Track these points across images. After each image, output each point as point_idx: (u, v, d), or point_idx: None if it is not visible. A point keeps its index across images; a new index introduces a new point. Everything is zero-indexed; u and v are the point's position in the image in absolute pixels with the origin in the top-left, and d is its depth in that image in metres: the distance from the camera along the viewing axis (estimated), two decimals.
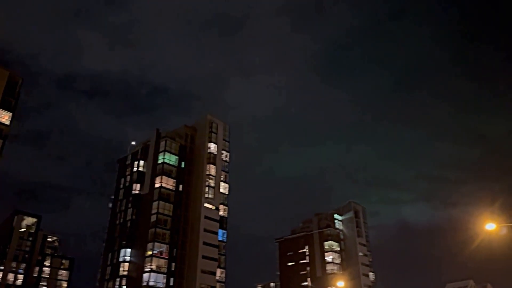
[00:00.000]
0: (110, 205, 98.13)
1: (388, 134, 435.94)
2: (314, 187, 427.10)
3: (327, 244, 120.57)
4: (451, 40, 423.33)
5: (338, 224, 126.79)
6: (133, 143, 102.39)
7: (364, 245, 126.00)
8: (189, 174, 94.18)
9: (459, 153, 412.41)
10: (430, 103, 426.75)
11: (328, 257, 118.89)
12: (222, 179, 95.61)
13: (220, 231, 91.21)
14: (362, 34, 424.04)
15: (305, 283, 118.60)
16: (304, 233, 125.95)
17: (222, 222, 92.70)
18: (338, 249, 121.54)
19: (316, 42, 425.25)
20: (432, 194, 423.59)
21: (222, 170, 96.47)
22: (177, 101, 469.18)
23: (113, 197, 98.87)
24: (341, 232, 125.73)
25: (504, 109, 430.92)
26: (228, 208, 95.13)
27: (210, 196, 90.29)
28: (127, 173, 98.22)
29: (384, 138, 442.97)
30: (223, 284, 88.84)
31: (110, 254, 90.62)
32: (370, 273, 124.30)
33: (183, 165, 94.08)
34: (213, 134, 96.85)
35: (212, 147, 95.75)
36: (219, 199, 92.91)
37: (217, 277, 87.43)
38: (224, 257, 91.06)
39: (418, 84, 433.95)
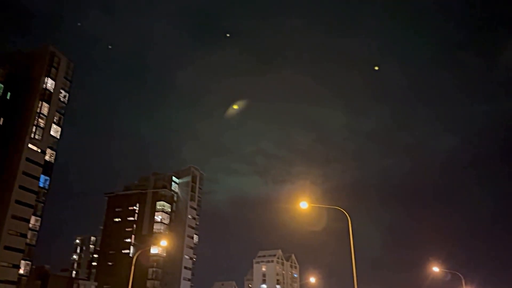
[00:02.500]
0: None
1: (242, 102, 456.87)
2: (160, 146, 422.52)
3: (159, 204, 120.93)
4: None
5: (175, 187, 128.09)
6: None
7: (194, 209, 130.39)
8: (15, 108, 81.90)
9: (295, 136, 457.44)
10: (277, 91, 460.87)
11: (158, 217, 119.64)
12: (55, 121, 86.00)
13: (43, 177, 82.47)
14: None
15: (128, 240, 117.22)
16: (138, 191, 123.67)
17: (47, 167, 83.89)
18: (169, 210, 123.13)
19: None
20: (267, 170, 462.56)
21: (57, 111, 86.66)
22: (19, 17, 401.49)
23: None
24: (175, 195, 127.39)
25: (341, 105, 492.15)
26: (56, 154, 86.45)
27: (37, 137, 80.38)
28: None
29: (235, 108, 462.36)
30: (35, 232, 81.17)
31: None
32: (195, 236, 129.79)
33: (9, 96, 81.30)
34: (52, 69, 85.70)
35: (49, 83, 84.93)
36: (47, 142, 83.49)
37: (31, 225, 79.42)
38: (42, 204, 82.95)
39: (275, 69, 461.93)
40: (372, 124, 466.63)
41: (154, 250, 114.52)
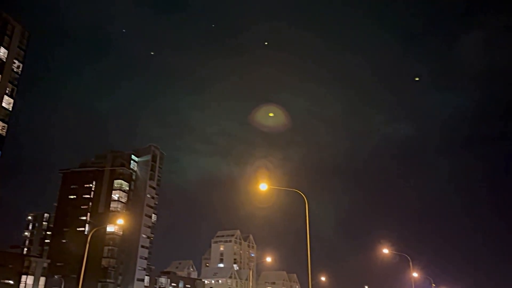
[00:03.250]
0: None
1: (206, 82, 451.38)
2: (120, 123, 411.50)
3: (117, 182, 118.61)
4: None
5: (134, 165, 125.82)
6: None
7: (154, 188, 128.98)
8: None
9: (258, 118, 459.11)
10: (241, 72, 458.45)
11: (115, 195, 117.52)
12: (7, 92, 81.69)
13: None
14: None
15: (83, 218, 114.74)
16: (95, 168, 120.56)
17: None
18: (127, 188, 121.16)
19: None
20: (229, 151, 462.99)
21: (10, 82, 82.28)
22: None
23: None
24: (134, 173, 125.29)
25: (304, 90, 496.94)
26: (8, 127, 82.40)
27: None
28: None
29: (199, 86, 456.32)
30: None
31: None
32: (154, 215, 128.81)
33: None
34: (5, 37, 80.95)
35: (1, 52, 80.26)
36: None
37: None
38: None
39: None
40: (333, 109, 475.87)
41: (110, 228, 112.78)
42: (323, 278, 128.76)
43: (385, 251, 65.80)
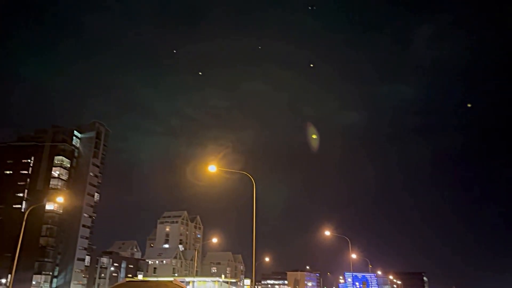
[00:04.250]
0: None
1: (158, 56, 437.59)
2: (63, 97, 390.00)
3: (57, 159, 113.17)
4: None
5: (76, 142, 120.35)
6: None
7: (97, 166, 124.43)
8: None
9: (213, 99, 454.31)
10: (198, 49, 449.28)
11: (55, 172, 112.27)
12: None
13: None
14: None
15: (20, 194, 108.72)
16: (34, 143, 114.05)
17: None
18: (69, 166, 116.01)
19: None
20: (181, 132, 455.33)
21: None
22: None
23: None
24: (77, 150, 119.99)
25: (261, 75, 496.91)
26: None
27: None
28: None
29: (150, 61, 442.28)
30: None
31: None
32: (96, 194, 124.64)
33: None
34: None
35: None
36: None
37: None
38: None
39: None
40: (286, 95, 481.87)
41: (49, 206, 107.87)
42: (267, 259, 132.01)
43: (327, 233, 68.42)
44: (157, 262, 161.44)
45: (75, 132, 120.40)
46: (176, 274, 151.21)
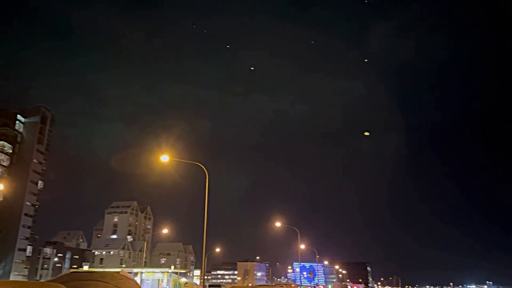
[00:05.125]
0: None
1: (110, 39, 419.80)
2: (5, 78, 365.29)
3: None
4: None
5: (19, 126, 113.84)
6: None
7: (42, 152, 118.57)
8: None
9: (169, 86, 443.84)
10: (151, 33, 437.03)
11: None
12: None
13: None
14: None
15: None
16: None
17: None
18: (11, 151, 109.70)
19: None
20: (134, 118, 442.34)
21: None
22: None
23: None
24: (19, 135, 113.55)
25: (219, 63, 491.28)
26: None
27: None
28: None
29: (102, 44, 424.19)
30: None
31: None
32: (40, 181, 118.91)
33: None
34: None
35: None
36: None
37: None
38: None
39: None
40: (242, 86, 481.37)
41: None
42: (218, 250, 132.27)
43: (278, 224, 69.65)
44: (104, 253, 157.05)
45: (18, 116, 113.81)
46: (123, 265, 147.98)
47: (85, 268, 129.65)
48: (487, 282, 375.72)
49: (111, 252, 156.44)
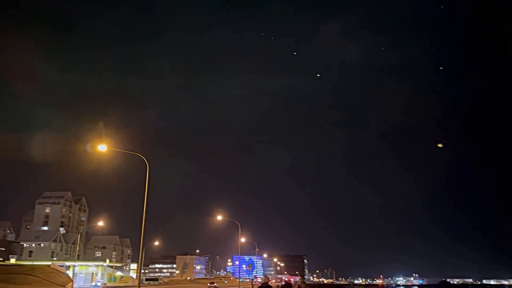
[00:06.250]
0: None
1: (53, 25, 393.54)
2: None
3: None
4: None
5: None
6: None
7: None
8: None
9: (111, 72, 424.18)
10: (95, 21, 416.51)
11: None
12: None
13: None
14: None
15: None
16: None
17: None
18: None
19: None
20: (70, 105, 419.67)
21: None
22: None
23: None
24: None
25: (165, 52, 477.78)
26: None
27: None
28: None
29: (34, 17, 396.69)
30: None
31: None
32: None
33: None
34: None
35: None
36: None
37: None
38: None
39: None
40: (189, 78, 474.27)
41: None
42: (156, 243, 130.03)
43: (219, 217, 69.80)
44: (33, 245, 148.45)
45: None
46: (55, 259, 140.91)
47: (12, 261, 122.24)
48: (414, 274, 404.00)
49: (42, 245, 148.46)
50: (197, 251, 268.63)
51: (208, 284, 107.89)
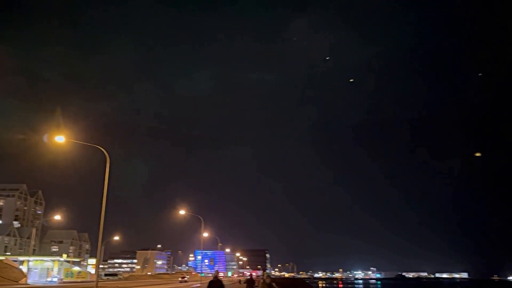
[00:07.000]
0: None
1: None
2: None
3: None
4: None
5: None
6: None
7: None
8: None
9: (77, 60, 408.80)
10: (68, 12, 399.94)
11: None
12: None
13: None
14: None
15: None
16: None
17: None
18: None
19: None
20: (32, 94, 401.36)
21: None
22: None
23: None
24: None
25: (132, 43, 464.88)
26: None
27: None
28: None
29: None
30: None
31: None
32: None
33: None
34: None
35: None
36: None
37: None
38: None
39: None
40: (161, 71, 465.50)
41: None
42: (116, 238, 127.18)
43: (182, 212, 69.09)
44: None
45: None
46: (8, 253, 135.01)
47: None
48: (371, 268, 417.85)
49: None
50: (159, 246, 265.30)
51: (179, 279, 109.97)
